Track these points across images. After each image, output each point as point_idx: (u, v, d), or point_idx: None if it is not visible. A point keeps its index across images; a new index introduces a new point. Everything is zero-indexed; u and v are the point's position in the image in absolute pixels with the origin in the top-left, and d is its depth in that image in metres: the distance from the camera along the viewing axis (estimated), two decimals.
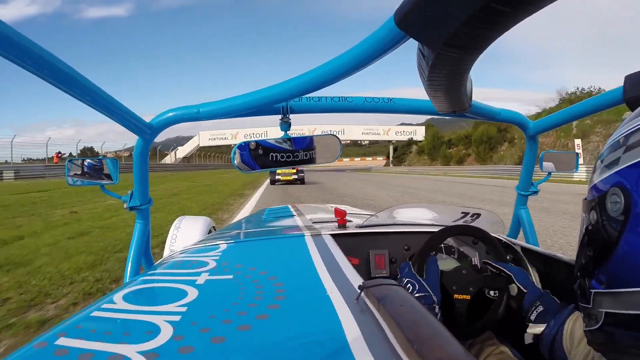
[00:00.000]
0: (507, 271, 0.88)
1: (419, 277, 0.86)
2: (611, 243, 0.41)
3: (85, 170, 1.18)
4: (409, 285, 0.85)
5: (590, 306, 0.46)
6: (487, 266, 0.94)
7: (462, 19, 0.34)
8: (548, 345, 0.69)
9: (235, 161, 0.94)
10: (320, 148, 0.98)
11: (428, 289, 0.83)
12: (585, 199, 0.48)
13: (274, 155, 0.96)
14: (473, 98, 0.72)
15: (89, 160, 1.19)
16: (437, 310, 0.80)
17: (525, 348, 0.79)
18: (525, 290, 0.82)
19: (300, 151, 0.97)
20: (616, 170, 0.42)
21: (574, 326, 0.65)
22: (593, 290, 0.45)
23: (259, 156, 0.95)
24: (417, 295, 0.81)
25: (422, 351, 0.40)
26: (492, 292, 0.94)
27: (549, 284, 0.95)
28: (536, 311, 0.75)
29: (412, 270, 0.89)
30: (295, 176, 17.55)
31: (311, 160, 0.97)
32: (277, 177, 17.55)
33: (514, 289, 0.86)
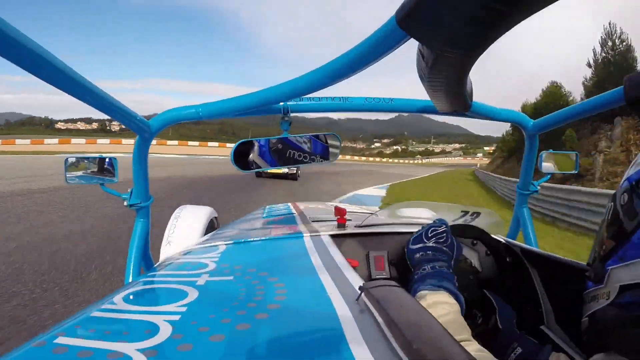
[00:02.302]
0: (494, 303, 0.88)
1: (454, 238, 0.88)
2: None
3: (84, 168, 1.17)
4: (445, 235, 0.86)
5: (603, 285, 0.52)
6: (485, 292, 0.95)
7: (463, 19, 0.33)
8: None
9: (235, 159, 0.94)
10: (320, 148, 0.98)
11: (455, 252, 0.86)
12: (616, 191, 0.56)
13: (274, 155, 0.96)
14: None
15: (88, 158, 1.18)
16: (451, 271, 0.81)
17: None
18: (501, 327, 0.84)
19: (301, 151, 0.97)
20: None
21: None
22: (610, 268, 0.51)
23: (258, 156, 0.95)
24: (445, 247, 0.84)
25: (422, 351, 0.40)
26: (478, 313, 0.93)
27: (549, 286, 0.95)
28: (514, 353, 0.77)
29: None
30: (286, 170, 14.54)
31: (311, 161, 0.97)
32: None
33: (492, 321, 0.87)
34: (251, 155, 0.96)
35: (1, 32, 0.41)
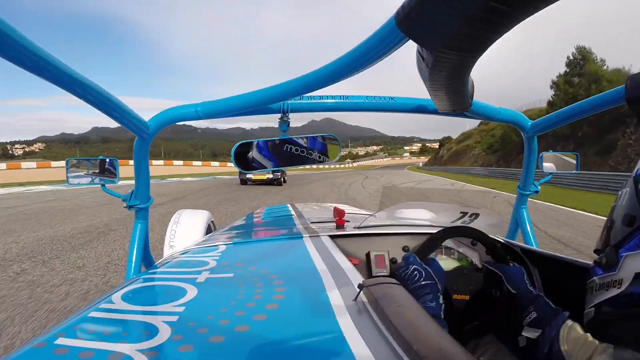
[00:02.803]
0: (498, 272, 0.88)
1: (425, 266, 0.84)
2: None
3: (85, 169, 1.18)
4: (416, 272, 0.83)
5: (616, 271, 0.51)
6: (485, 265, 0.94)
7: (462, 20, 0.33)
8: (546, 351, 0.70)
9: (235, 160, 0.94)
10: (319, 148, 0.98)
11: (434, 277, 0.82)
12: (632, 176, 0.55)
13: (273, 155, 0.96)
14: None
15: (89, 160, 1.19)
16: (440, 300, 0.78)
17: (522, 349, 0.79)
18: (514, 292, 0.82)
19: (299, 152, 0.97)
20: None
21: (570, 332, 0.66)
22: (624, 254, 0.50)
23: (259, 156, 0.95)
24: (423, 282, 0.80)
25: (421, 351, 0.40)
26: (497, 292, 0.93)
27: (549, 284, 0.95)
28: (529, 317, 0.76)
29: (417, 259, 0.87)
30: (270, 175, 13.95)
31: (310, 162, 0.97)
32: (247, 176, 14.24)
33: (505, 290, 0.86)
34: (251, 155, 0.96)
35: (2, 33, 0.42)
